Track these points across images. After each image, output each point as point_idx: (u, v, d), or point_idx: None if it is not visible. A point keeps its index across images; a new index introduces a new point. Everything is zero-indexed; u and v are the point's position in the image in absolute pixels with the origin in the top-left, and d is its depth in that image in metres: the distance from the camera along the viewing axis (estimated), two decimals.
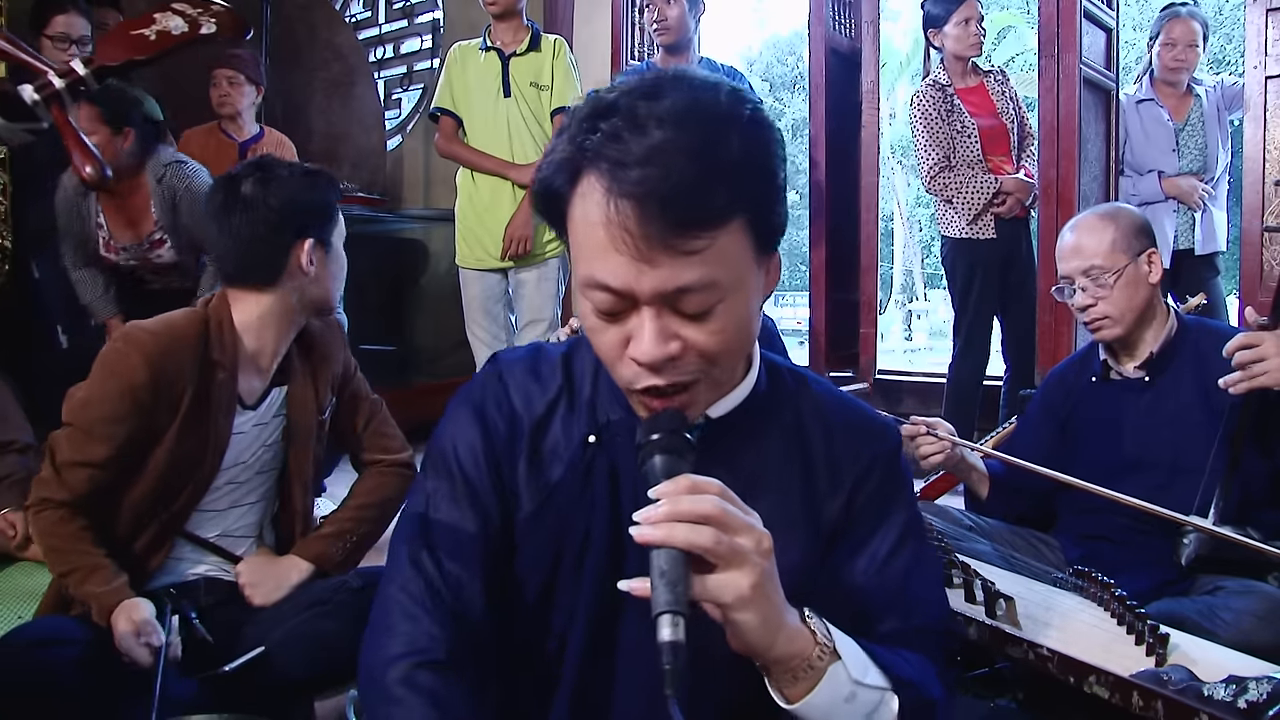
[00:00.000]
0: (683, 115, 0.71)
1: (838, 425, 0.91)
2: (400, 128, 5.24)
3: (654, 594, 0.68)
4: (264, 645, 1.39)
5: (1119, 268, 1.72)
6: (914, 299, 23.38)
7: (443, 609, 0.83)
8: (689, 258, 0.72)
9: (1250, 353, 1.49)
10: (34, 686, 1.21)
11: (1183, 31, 3.34)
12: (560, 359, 0.92)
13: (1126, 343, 1.77)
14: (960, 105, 3.29)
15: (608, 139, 0.72)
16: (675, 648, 0.66)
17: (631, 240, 0.71)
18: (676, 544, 0.69)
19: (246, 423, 1.50)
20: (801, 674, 0.75)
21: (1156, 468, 1.68)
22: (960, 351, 3.33)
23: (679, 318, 0.75)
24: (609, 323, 0.77)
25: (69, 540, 1.38)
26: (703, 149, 0.71)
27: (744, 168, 0.73)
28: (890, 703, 0.79)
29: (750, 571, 0.70)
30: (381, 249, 5.02)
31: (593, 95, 0.77)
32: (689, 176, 0.70)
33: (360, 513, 1.60)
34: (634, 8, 4.28)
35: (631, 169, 0.70)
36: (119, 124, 2.56)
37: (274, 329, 1.50)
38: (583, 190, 0.75)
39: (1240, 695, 1.03)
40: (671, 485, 0.72)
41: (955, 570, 1.50)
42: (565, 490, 0.86)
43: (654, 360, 0.75)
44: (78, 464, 1.38)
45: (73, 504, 1.38)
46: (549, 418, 0.88)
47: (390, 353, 4.80)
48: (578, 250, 0.77)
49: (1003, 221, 3.24)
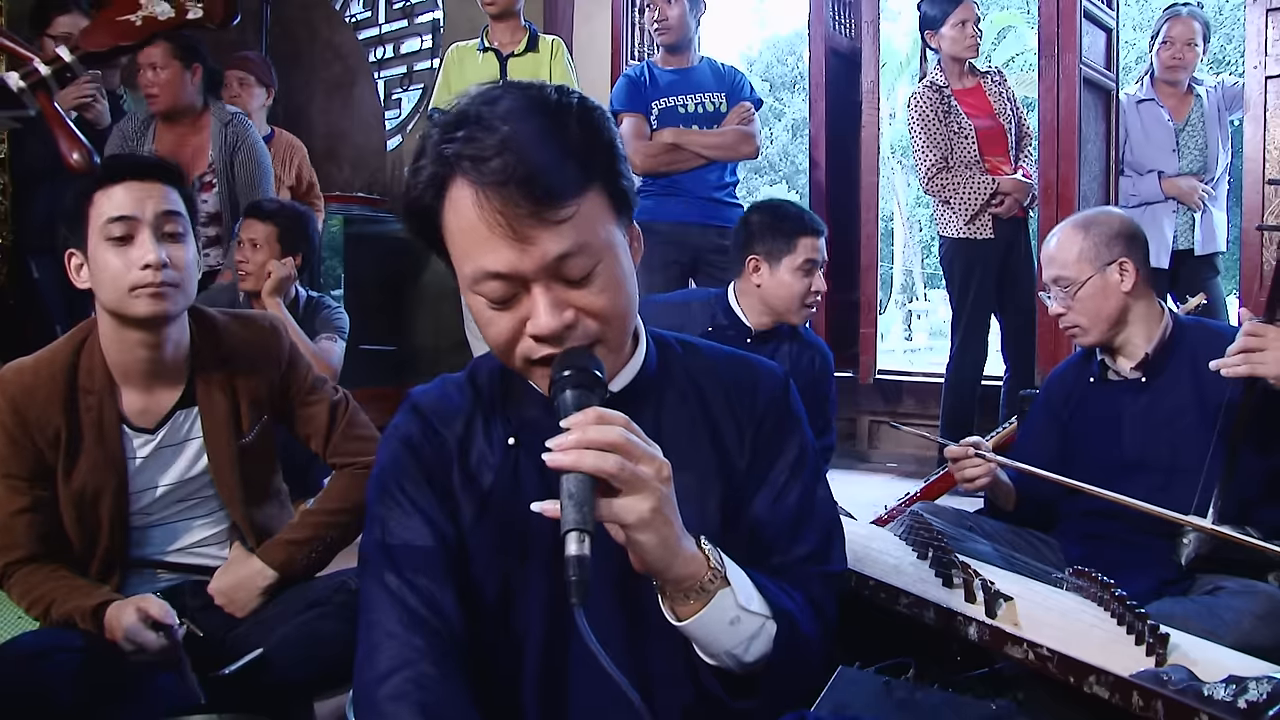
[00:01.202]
0: (523, 110, 0.81)
1: (731, 383, 0.98)
2: (400, 128, 5.24)
3: (562, 514, 0.75)
4: (263, 647, 1.38)
5: (1084, 279, 1.74)
6: (914, 299, 23.37)
7: (419, 622, 0.87)
8: (559, 226, 0.80)
9: (1256, 340, 1.49)
10: (31, 699, 1.21)
11: (1182, 30, 3.34)
12: (466, 377, 0.99)
13: (1113, 345, 1.78)
14: (957, 106, 3.29)
15: (464, 143, 0.80)
16: (581, 561, 0.73)
17: (506, 222, 0.79)
18: (584, 469, 0.75)
19: (146, 446, 1.45)
20: (694, 595, 0.82)
21: (1155, 467, 1.68)
22: (958, 351, 3.33)
23: (566, 286, 0.82)
24: (502, 310, 0.84)
25: (42, 582, 1.38)
26: (548, 134, 0.80)
27: (587, 143, 0.83)
28: (769, 629, 0.86)
29: (650, 496, 0.77)
30: (381, 249, 5.02)
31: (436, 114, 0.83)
32: (541, 157, 0.79)
33: (330, 518, 1.53)
34: (634, 8, 4.28)
35: (492, 160, 0.79)
36: (189, 59, 2.66)
37: (122, 342, 1.41)
38: (453, 197, 0.82)
39: (1240, 695, 1.03)
40: (581, 416, 0.78)
41: (955, 570, 1.50)
42: (498, 494, 0.93)
43: (553, 330, 0.82)
44: (10, 516, 1.39)
45: (31, 558, 1.39)
46: (469, 432, 0.95)
47: (390, 353, 4.80)
48: (461, 253, 0.83)
49: (1001, 221, 3.24)
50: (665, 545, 0.79)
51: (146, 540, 1.48)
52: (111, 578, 1.44)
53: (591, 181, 0.83)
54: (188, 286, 1.42)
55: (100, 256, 1.37)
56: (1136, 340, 1.76)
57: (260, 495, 1.54)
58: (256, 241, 2.58)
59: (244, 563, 1.48)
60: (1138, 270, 1.74)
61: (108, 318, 1.41)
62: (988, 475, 1.75)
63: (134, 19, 0.98)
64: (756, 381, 0.99)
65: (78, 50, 0.96)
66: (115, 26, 0.98)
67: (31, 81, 0.95)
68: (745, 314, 2.21)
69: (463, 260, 0.83)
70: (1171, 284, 3.39)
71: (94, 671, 1.28)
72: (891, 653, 1.62)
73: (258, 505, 1.53)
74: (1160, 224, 3.34)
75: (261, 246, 2.57)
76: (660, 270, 3.01)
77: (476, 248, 0.81)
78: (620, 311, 0.86)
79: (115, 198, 1.36)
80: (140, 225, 1.36)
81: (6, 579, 1.40)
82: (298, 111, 4.62)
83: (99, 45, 0.98)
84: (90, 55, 0.98)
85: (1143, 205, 3.39)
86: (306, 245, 2.65)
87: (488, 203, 0.79)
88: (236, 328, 1.53)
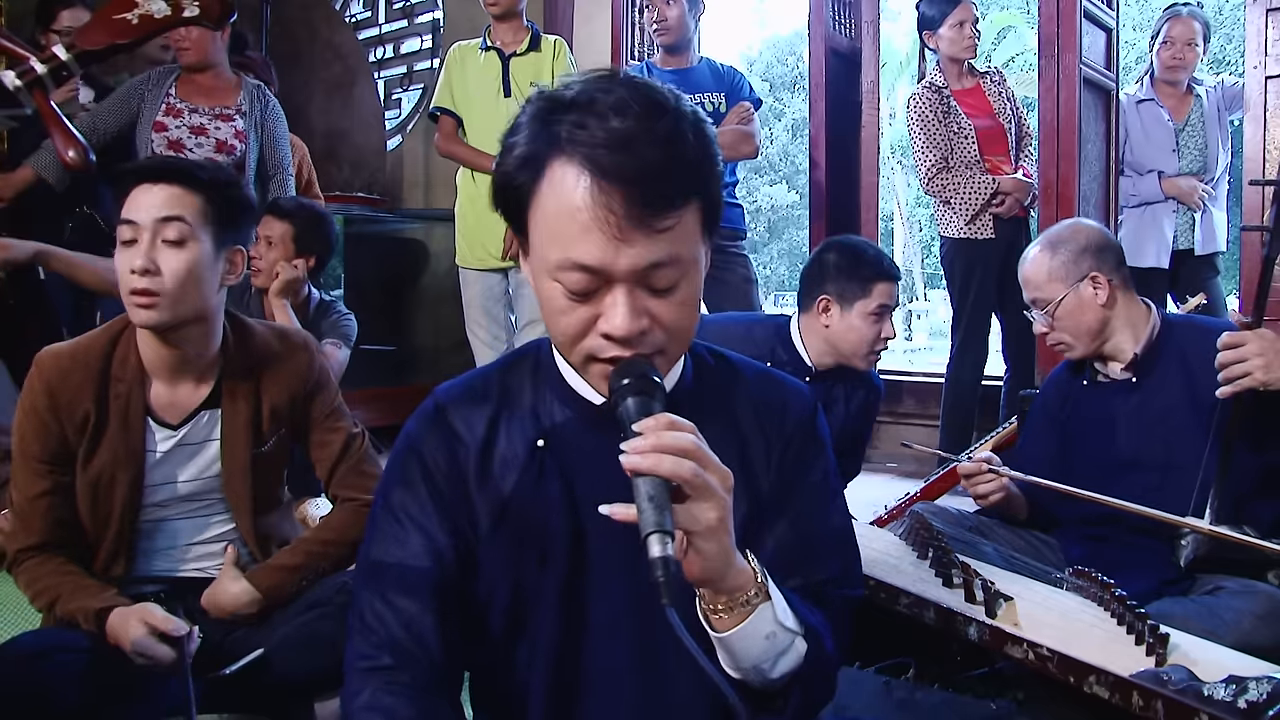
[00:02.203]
0: (644, 109, 0.78)
1: (760, 400, 0.97)
2: (400, 128, 5.24)
3: (642, 516, 0.74)
4: (264, 648, 1.38)
5: (1058, 298, 1.76)
6: (914, 299, 23.37)
7: (399, 644, 0.87)
8: (660, 235, 0.79)
9: (1233, 353, 1.50)
10: (32, 699, 1.20)
11: (1182, 30, 3.34)
12: (496, 373, 0.97)
13: (1101, 353, 1.79)
14: (957, 107, 3.29)
15: (578, 127, 0.78)
16: (667, 561, 0.72)
17: (614, 220, 0.77)
18: (662, 473, 0.74)
19: (168, 441, 1.46)
20: (738, 608, 0.81)
21: (1150, 466, 1.69)
22: (958, 351, 3.33)
23: (648, 294, 0.81)
24: (579, 303, 0.82)
25: (50, 575, 1.39)
26: (668, 138, 0.78)
27: (700, 154, 0.81)
28: (799, 646, 0.85)
29: (718, 505, 0.77)
30: (381, 249, 5.02)
31: (544, 93, 0.82)
32: (660, 161, 0.77)
33: (324, 548, 1.52)
34: (634, 8, 4.28)
35: (612, 153, 0.76)
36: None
37: (147, 339, 1.43)
38: (554, 178, 0.79)
39: (1240, 695, 1.03)
40: (654, 421, 0.77)
41: (955, 570, 1.50)
42: (520, 497, 0.91)
43: (628, 333, 0.80)
44: (30, 499, 1.40)
45: (43, 546, 1.40)
46: (493, 434, 0.93)
47: (390, 353, 4.79)
48: (550, 236, 0.81)
49: (1001, 221, 3.24)
50: (724, 555, 0.79)
51: (153, 536, 1.49)
52: (115, 567, 1.45)
53: (696, 194, 0.81)
54: (177, 295, 1.38)
55: (116, 258, 1.40)
56: (1124, 345, 1.77)
57: (266, 504, 1.55)
58: (272, 239, 2.55)
59: (233, 582, 1.47)
60: (1109, 281, 1.75)
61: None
62: (1001, 490, 1.75)
63: (130, 17, 0.98)
64: (786, 400, 0.98)
65: (74, 49, 0.96)
66: (112, 25, 0.98)
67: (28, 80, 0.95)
68: (807, 351, 2.09)
69: (550, 245, 0.81)
70: (1171, 284, 3.39)
71: (99, 672, 1.27)
72: (891, 653, 1.62)
73: (263, 514, 1.54)
74: (1160, 224, 3.35)
75: (276, 245, 2.55)
76: None
77: (571, 236, 0.79)
78: (689, 327, 0.86)
79: (132, 200, 1.37)
80: (140, 230, 1.37)
81: (16, 565, 1.41)
82: (298, 111, 4.60)
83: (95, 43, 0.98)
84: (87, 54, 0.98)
85: (1143, 205, 3.40)
86: (322, 247, 2.61)
87: (598, 195, 0.77)
88: (271, 339, 1.55)
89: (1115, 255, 1.79)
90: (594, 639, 0.91)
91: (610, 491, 0.80)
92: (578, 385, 0.92)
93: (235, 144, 2.81)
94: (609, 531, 0.79)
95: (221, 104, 2.79)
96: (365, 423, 1.67)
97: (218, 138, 2.80)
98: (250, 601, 1.45)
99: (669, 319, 0.82)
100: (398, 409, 4.58)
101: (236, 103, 2.81)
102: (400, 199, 5.18)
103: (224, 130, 2.81)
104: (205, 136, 2.80)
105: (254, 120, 2.84)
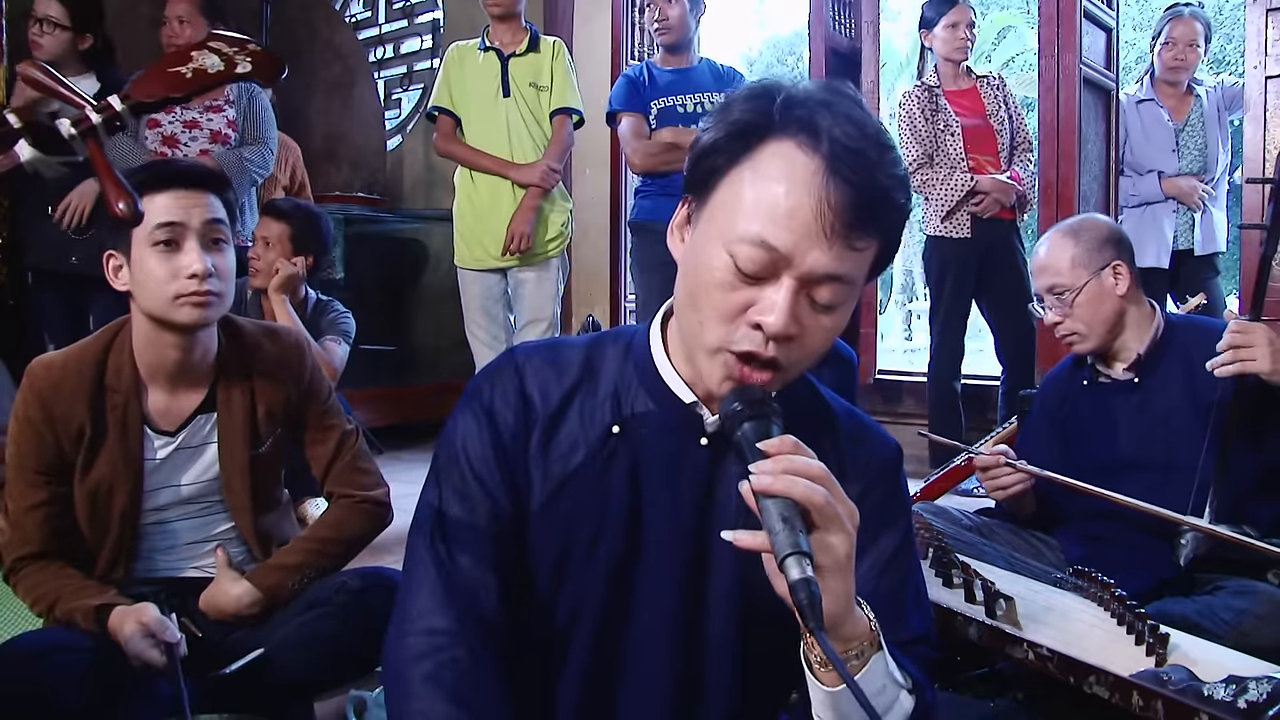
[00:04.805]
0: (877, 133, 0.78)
1: (844, 434, 0.93)
2: (400, 128, 5.24)
3: (775, 538, 0.69)
4: (263, 647, 1.38)
5: (1080, 285, 1.74)
6: (914, 299, 23.35)
7: (459, 605, 0.83)
8: (850, 252, 0.77)
9: (1242, 337, 1.51)
10: (32, 699, 1.20)
11: (1184, 31, 3.34)
12: (582, 348, 0.92)
13: (1107, 351, 1.78)
14: (947, 106, 3.29)
15: (814, 117, 0.77)
16: (809, 583, 0.67)
17: (828, 216, 0.75)
18: (795, 496, 0.70)
19: (166, 447, 1.46)
20: (853, 659, 0.75)
21: (1151, 466, 1.68)
22: (935, 348, 3.34)
23: (808, 304, 0.79)
24: (742, 283, 0.78)
25: (49, 580, 1.39)
26: (891, 163, 0.78)
27: (906, 207, 0.81)
28: (906, 702, 0.80)
29: (847, 539, 0.72)
30: (381, 249, 5.02)
31: (770, 79, 0.81)
32: (885, 188, 0.77)
33: (322, 546, 1.52)
34: (634, 8, 4.28)
35: (850, 157, 0.75)
36: (212, 17, 2.84)
37: (155, 344, 1.43)
38: (771, 153, 0.78)
39: (1240, 695, 1.03)
40: (778, 444, 0.74)
41: (955, 570, 1.50)
42: (580, 479, 0.87)
43: (780, 332, 0.77)
44: (26, 509, 1.40)
45: (41, 554, 1.40)
46: (566, 407, 0.89)
47: (390, 353, 4.79)
48: (745, 208, 0.78)
49: (980, 221, 3.21)
50: (848, 596, 0.73)
51: (153, 540, 1.49)
52: (115, 571, 1.44)
53: (884, 233, 0.80)
54: (228, 295, 1.44)
55: (145, 261, 1.39)
56: (1131, 344, 1.76)
57: (266, 505, 1.55)
58: (269, 239, 2.60)
59: (233, 584, 1.46)
60: (1130, 273, 1.74)
61: (143, 319, 1.42)
62: (1022, 483, 1.71)
63: (185, 71, 1.00)
64: (870, 440, 0.94)
65: (128, 100, 0.98)
66: (167, 78, 1.00)
67: (82, 129, 0.96)
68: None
69: (740, 215, 0.77)
70: (1171, 284, 3.39)
71: (100, 672, 1.27)
72: None
73: (263, 514, 1.54)
74: (1160, 224, 3.34)
75: (274, 245, 2.60)
76: (658, 270, 3.00)
77: (773, 214, 0.76)
78: (818, 355, 0.83)
79: (162, 204, 1.38)
80: (187, 233, 1.39)
81: (15, 574, 1.41)
82: (297, 111, 4.61)
83: (150, 95, 1.00)
84: (140, 105, 0.99)
85: (1143, 205, 3.39)
86: (319, 246, 2.67)
87: (824, 187, 0.75)
88: (263, 339, 1.55)
89: (1130, 250, 1.78)
90: (633, 642, 0.87)
91: (676, 498, 0.78)
92: (670, 380, 0.87)
93: (229, 133, 2.90)
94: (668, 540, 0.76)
95: (210, 96, 2.84)
96: (365, 423, 1.67)
97: (210, 129, 2.88)
98: (253, 602, 1.45)
99: (812, 338, 0.80)
100: (398, 409, 4.60)
101: (225, 93, 2.88)
102: (400, 199, 5.18)
103: (216, 121, 2.89)
104: (198, 129, 2.87)
105: (241, 108, 2.91)
